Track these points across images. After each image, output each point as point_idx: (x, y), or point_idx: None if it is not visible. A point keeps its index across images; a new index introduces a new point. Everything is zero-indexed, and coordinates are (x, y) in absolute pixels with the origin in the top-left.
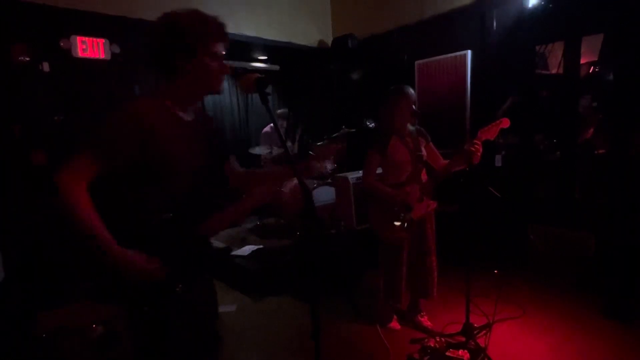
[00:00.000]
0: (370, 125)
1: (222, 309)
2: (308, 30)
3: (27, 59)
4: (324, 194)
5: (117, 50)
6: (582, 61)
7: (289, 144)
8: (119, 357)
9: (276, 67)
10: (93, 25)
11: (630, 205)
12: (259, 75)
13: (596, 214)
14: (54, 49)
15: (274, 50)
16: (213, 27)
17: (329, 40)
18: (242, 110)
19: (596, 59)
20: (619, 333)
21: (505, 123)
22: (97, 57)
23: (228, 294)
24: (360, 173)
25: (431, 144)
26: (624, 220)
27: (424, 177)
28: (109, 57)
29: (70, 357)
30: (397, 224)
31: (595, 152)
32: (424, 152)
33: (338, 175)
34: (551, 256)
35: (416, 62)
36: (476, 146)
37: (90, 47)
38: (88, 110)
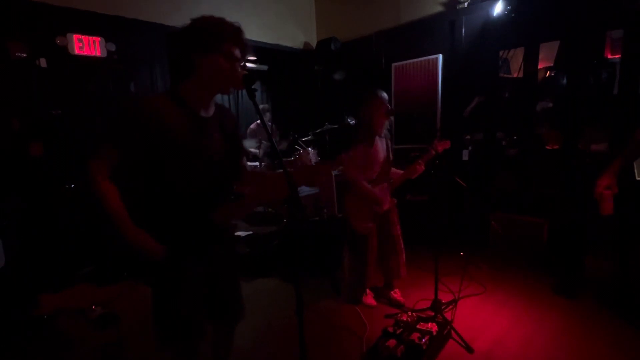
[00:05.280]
0: (351, 122)
1: None
2: (294, 34)
3: (24, 55)
4: None
5: (112, 48)
6: (540, 66)
7: (277, 138)
8: (117, 336)
9: (264, 67)
10: (89, 24)
11: (576, 196)
12: (246, 72)
13: (548, 203)
14: (51, 46)
15: (262, 51)
16: (229, 30)
17: (313, 43)
18: (232, 107)
19: (552, 64)
20: (565, 307)
21: (447, 144)
22: (93, 54)
23: None
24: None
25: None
26: (570, 209)
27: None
28: (104, 54)
29: (71, 335)
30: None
31: (548, 148)
32: (391, 153)
33: None
34: (510, 240)
35: (393, 65)
36: (419, 165)
37: (86, 45)
38: (84, 106)
